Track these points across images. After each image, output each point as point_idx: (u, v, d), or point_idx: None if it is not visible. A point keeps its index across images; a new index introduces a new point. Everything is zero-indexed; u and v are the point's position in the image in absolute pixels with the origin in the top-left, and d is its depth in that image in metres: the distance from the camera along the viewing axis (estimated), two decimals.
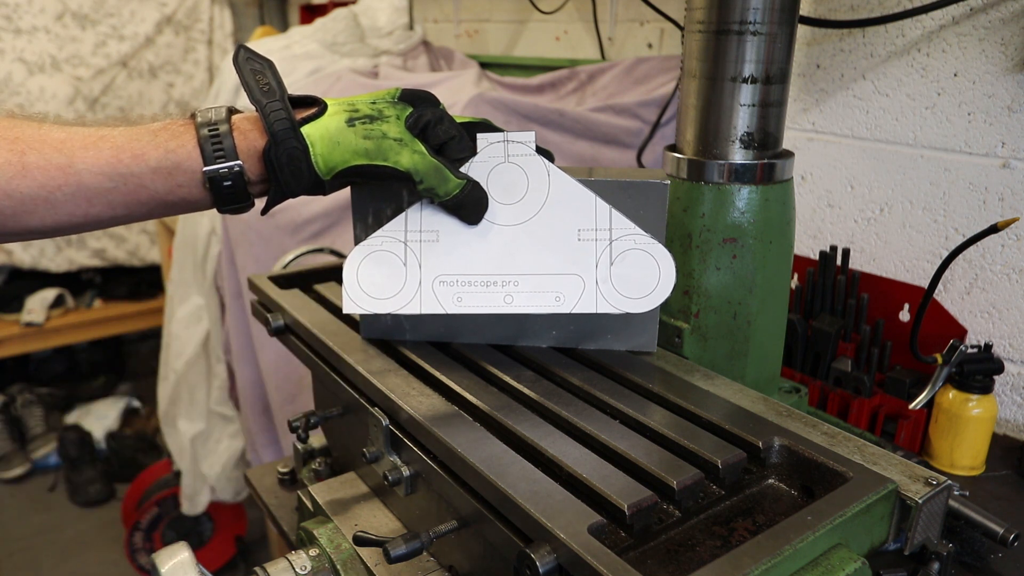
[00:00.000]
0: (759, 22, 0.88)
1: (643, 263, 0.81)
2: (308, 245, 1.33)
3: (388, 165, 0.74)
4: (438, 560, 0.84)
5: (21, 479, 3.31)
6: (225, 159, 0.71)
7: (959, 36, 1.27)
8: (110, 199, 0.70)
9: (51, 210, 0.69)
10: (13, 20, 3.15)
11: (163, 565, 0.68)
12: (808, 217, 1.55)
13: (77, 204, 0.70)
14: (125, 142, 0.70)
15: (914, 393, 1.18)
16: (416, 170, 0.75)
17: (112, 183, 0.69)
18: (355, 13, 2.44)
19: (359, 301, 0.81)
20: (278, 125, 0.71)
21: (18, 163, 0.67)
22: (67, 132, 0.70)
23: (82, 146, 0.69)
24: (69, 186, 0.68)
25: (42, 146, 0.68)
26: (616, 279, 0.81)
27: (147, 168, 0.70)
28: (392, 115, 0.75)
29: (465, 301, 0.81)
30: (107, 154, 0.69)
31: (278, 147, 0.71)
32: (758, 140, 0.93)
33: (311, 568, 0.83)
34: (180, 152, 0.71)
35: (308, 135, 0.72)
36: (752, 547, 0.58)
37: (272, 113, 0.71)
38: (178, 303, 2.32)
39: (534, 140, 0.82)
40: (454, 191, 0.77)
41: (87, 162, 0.69)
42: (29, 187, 0.67)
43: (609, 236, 0.81)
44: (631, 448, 0.72)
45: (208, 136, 0.71)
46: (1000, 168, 1.26)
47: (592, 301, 0.81)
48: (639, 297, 0.81)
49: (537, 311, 0.81)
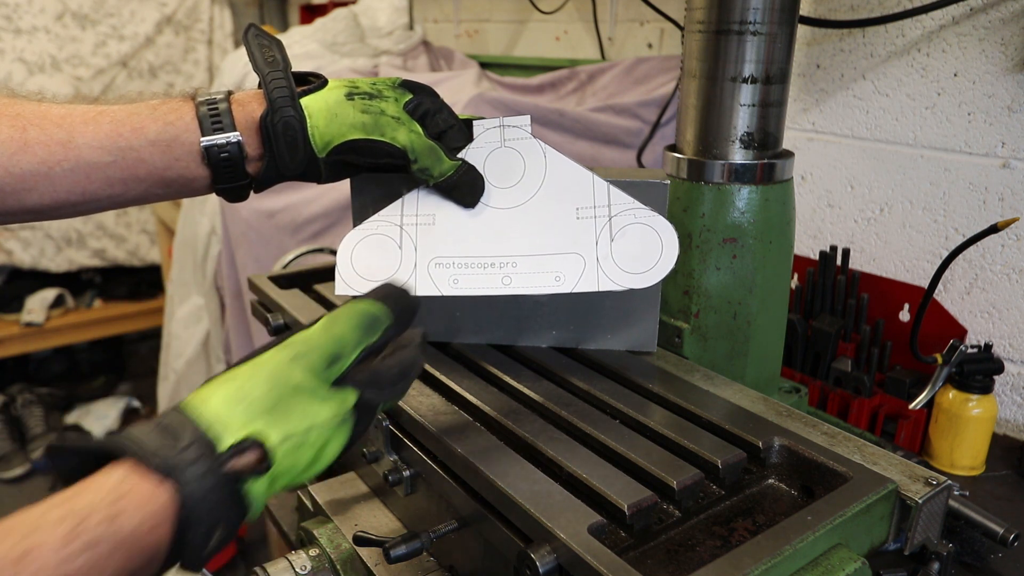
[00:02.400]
0: (759, 22, 0.88)
1: (644, 236, 0.79)
2: (308, 245, 1.33)
3: (385, 140, 0.74)
4: (438, 560, 0.84)
5: (21, 479, 3.30)
6: (223, 130, 0.71)
7: (959, 36, 1.27)
8: (108, 174, 0.70)
9: (50, 186, 0.69)
10: (13, 20, 3.15)
11: None
12: (808, 217, 1.55)
13: (76, 180, 0.69)
14: (125, 116, 0.70)
15: (914, 393, 1.18)
16: (412, 148, 0.74)
17: (111, 157, 0.69)
18: (355, 13, 2.44)
19: (351, 283, 0.79)
20: (277, 93, 0.71)
21: (20, 139, 0.67)
22: (66, 108, 0.70)
23: (82, 121, 0.69)
24: (69, 161, 0.68)
25: (43, 122, 0.68)
26: (617, 255, 0.79)
27: (145, 141, 0.70)
28: (391, 96, 0.75)
29: (462, 283, 0.79)
30: (106, 128, 0.69)
31: (275, 114, 0.71)
32: (758, 140, 0.93)
33: (311, 568, 0.83)
34: (179, 124, 0.71)
35: (306, 106, 0.72)
36: (752, 547, 0.58)
37: (273, 82, 0.72)
38: (178, 303, 2.32)
39: (529, 124, 0.81)
40: (448, 172, 0.77)
41: (87, 136, 0.68)
42: (30, 163, 0.67)
43: (608, 212, 0.80)
44: (631, 448, 0.72)
45: (207, 111, 0.71)
46: (1000, 168, 1.26)
47: (593, 279, 0.79)
48: (642, 272, 0.79)
49: (536, 292, 0.79)
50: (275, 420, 0.54)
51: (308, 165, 0.74)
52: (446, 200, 0.80)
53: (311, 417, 0.55)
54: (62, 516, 0.46)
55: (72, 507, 0.46)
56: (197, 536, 0.50)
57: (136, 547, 0.47)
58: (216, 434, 0.51)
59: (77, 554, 0.45)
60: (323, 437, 0.56)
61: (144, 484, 0.48)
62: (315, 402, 0.56)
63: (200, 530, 0.50)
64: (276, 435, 0.53)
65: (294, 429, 0.54)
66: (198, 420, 0.52)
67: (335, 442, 0.57)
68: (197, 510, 0.49)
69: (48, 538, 0.45)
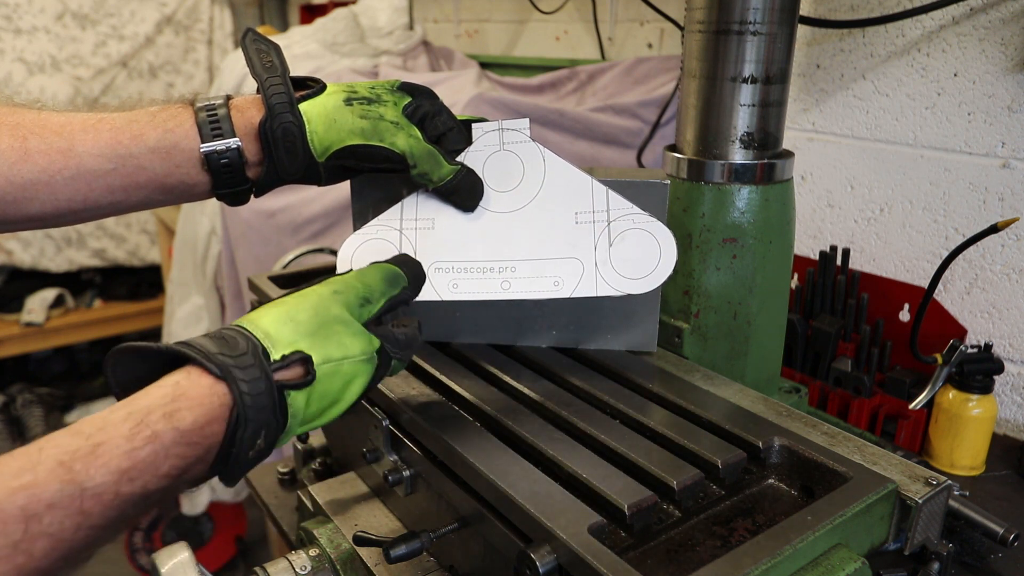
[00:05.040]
0: (759, 22, 0.88)
1: (643, 242, 0.79)
2: (308, 245, 1.33)
3: (384, 146, 0.74)
4: (438, 560, 0.84)
5: None
6: (223, 136, 0.71)
7: (959, 36, 1.27)
8: (109, 181, 0.70)
9: (51, 195, 0.69)
10: (13, 20, 3.15)
11: (163, 565, 0.68)
12: (808, 217, 1.55)
13: (77, 188, 0.70)
14: (124, 124, 0.70)
15: (914, 393, 1.18)
16: (411, 153, 0.75)
17: (111, 164, 0.70)
18: (355, 13, 2.44)
19: None
20: (275, 99, 0.72)
21: (20, 148, 0.67)
22: (66, 117, 0.70)
23: (82, 129, 0.69)
24: (69, 169, 0.69)
25: (43, 131, 0.68)
26: (616, 260, 0.79)
27: (146, 148, 0.70)
28: (390, 100, 0.76)
29: (462, 288, 0.79)
30: (106, 136, 0.69)
31: (274, 120, 0.71)
32: (758, 140, 0.93)
33: (311, 568, 0.83)
34: (178, 131, 0.71)
35: (305, 112, 0.72)
36: (752, 547, 0.58)
37: (271, 87, 0.72)
38: (178, 303, 2.32)
39: (528, 127, 0.81)
40: (447, 176, 0.77)
41: (87, 144, 0.69)
42: (31, 171, 0.68)
43: (607, 217, 0.80)
44: (631, 448, 0.72)
45: (206, 117, 0.71)
46: (1000, 168, 1.26)
47: (592, 284, 0.79)
48: (640, 277, 0.79)
49: (535, 296, 0.79)
50: (317, 343, 0.61)
51: (308, 169, 0.75)
52: (445, 204, 0.80)
53: (345, 348, 0.62)
54: (126, 415, 0.52)
55: (134, 407, 0.53)
56: (246, 437, 0.56)
57: (192, 442, 0.54)
58: (268, 346, 0.58)
59: (141, 446, 0.51)
60: (352, 370, 0.63)
61: (201, 384, 0.55)
62: (349, 335, 0.63)
63: (249, 430, 0.56)
64: (318, 355, 0.60)
65: (332, 354, 0.61)
66: (253, 332, 0.59)
67: (359, 380, 0.64)
68: (248, 411, 0.55)
69: (115, 434, 0.51)
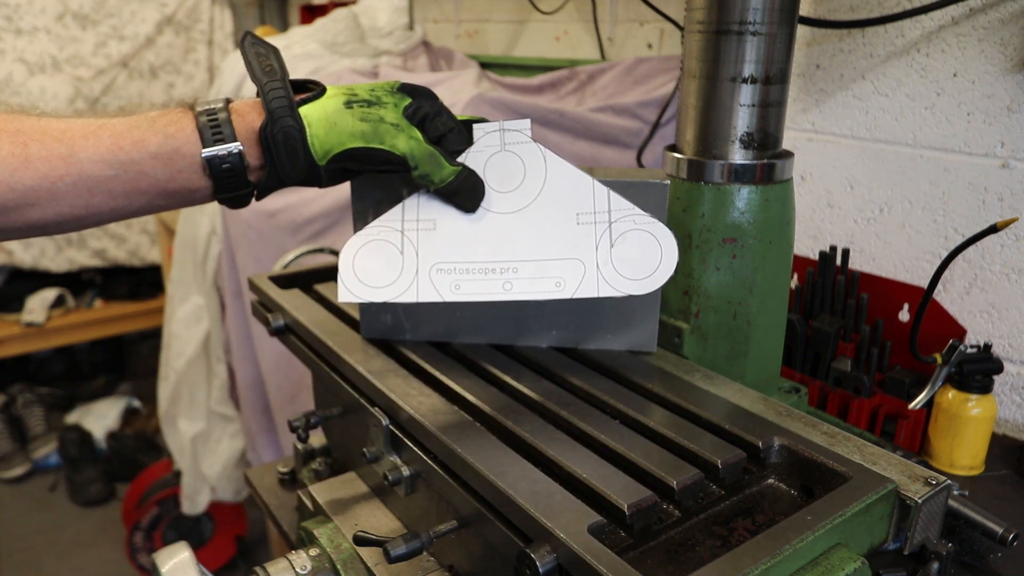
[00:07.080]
0: (759, 22, 0.88)
1: (644, 243, 0.79)
2: (308, 245, 1.33)
3: (384, 148, 0.74)
4: (438, 560, 0.84)
5: (21, 479, 3.31)
6: (224, 141, 0.71)
7: (959, 36, 1.27)
8: (111, 188, 0.70)
9: (53, 201, 0.69)
10: (13, 20, 3.15)
11: (163, 565, 0.68)
12: (808, 217, 1.55)
13: (79, 194, 0.70)
14: (125, 130, 0.70)
15: (914, 393, 1.18)
16: (412, 155, 0.75)
17: (113, 171, 0.70)
18: (355, 13, 2.43)
19: (354, 290, 0.80)
20: (276, 103, 0.72)
21: (21, 155, 0.67)
22: (67, 123, 0.70)
23: (82, 135, 0.69)
24: (71, 176, 0.69)
25: (43, 137, 0.68)
26: (617, 261, 0.79)
27: (147, 154, 0.70)
28: (390, 102, 0.76)
29: (463, 289, 0.79)
30: (107, 142, 0.69)
31: (274, 124, 0.71)
32: (758, 140, 0.93)
33: (311, 568, 0.83)
34: (179, 136, 0.71)
35: (305, 116, 0.73)
36: (752, 547, 0.58)
37: (271, 91, 0.72)
38: (178, 303, 2.32)
39: (529, 128, 0.81)
40: (449, 178, 0.77)
41: (88, 151, 0.69)
42: (32, 178, 0.68)
43: (608, 218, 0.80)
44: (631, 448, 0.72)
45: (207, 121, 0.71)
46: (1000, 168, 1.26)
47: (593, 285, 0.79)
48: (641, 278, 0.79)
49: (537, 297, 0.79)
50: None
51: (309, 172, 0.75)
52: (447, 205, 0.80)
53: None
54: None
55: None
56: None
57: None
58: None
59: None
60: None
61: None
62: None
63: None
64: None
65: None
66: None
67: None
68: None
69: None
